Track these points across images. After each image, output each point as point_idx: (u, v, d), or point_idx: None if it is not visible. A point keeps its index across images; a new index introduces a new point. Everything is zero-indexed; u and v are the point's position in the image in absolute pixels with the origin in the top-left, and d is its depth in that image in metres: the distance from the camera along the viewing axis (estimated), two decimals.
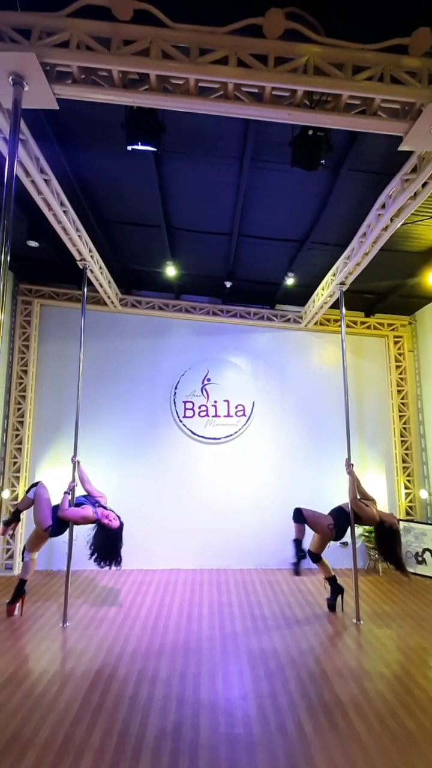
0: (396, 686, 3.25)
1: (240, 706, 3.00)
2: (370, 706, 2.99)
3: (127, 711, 2.91)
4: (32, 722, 2.77)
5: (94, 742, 2.59)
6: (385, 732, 2.71)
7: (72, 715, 2.85)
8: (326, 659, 3.67)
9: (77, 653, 3.73)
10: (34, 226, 4.92)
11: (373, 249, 4.48)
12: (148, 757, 2.47)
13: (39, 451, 6.59)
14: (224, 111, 2.90)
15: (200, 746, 2.58)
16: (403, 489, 6.83)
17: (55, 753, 2.49)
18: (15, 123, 2.77)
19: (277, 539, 6.58)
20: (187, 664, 3.56)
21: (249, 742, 2.61)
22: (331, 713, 2.91)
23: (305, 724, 2.78)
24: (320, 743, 2.60)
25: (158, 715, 2.87)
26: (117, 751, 2.52)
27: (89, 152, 3.97)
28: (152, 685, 3.23)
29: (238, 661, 3.63)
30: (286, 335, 7.22)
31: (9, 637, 4.02)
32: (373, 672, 3.47)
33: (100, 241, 5.35)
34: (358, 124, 2.91)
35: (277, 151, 3.68)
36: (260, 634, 4.17)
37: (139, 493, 6.56)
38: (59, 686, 3.20)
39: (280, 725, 2.78)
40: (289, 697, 3.10)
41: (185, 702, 3.02)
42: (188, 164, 4.02)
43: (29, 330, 6.65)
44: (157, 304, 6.97)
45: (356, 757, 2.49)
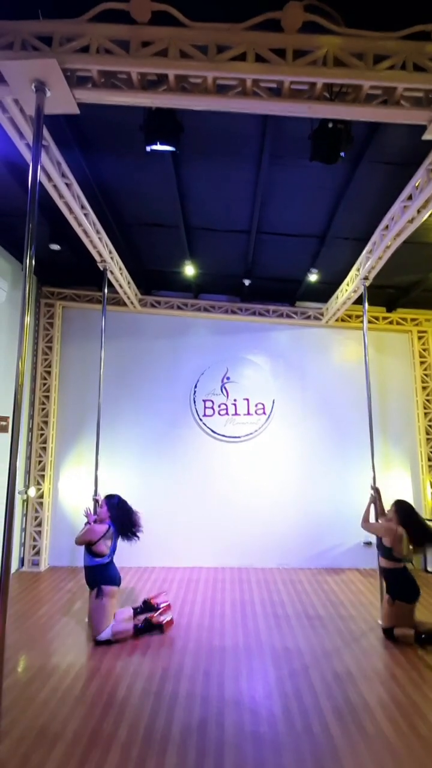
0: (425, 689, 3.18)
1: (265, 704, 2.99)
2: (399, 710, 2.93)
3: (152, 707, 2.94)
4: (60, 716, 2.83)
5: (121, 737, 2.63)
6: (415, 736, 2.66)
7: (99, 709, 2.91)
8: (351, 660, 3.62)
9: (102, 649, 3.79)
10: (56, 229, 5.02)
11: (395, 242, 4.37)
12: (174, 753, 2.50)
13: (63, 450, 6.73)
14: (243, 108, 2.89)
15: (226, 743, 2.58)
16: (429, 488, 6.66)
17: (83, 746, 2.54)
18: (38, 129, 2.82)
19: (299, 538, 6.53)
20: (210, 661, 3.57)
21: (275, 742, 2.60)
22: (358, 715, 2.86)
23: (332, 726, 2.75)
24: (348, 746, 2.57)
25: (183, 711, 2.89)
26: (143, 746, 2.55)
27: (109, 156, 4.02)
28: (177, 682, 3.26)
29: (262, 659, 3.62)
30: (306, 332, 7.14)
31: (37, 632, 4.13)
32: (401, 674, 3.40)
33: (120, 243, 5.41)
34: (379, 114, 2.84)
35: (296, 147, 3.63)
36: (283, 633, 4.14)
37: (160, 491, 6.62)
38: (86, 681, 3.26)
39: (306, 726, 2.75)
40: (315, 697, 3.07)
41: (210, 699, 3.04)
42: (206, 164, 4.02)
43: (52, 332, 6.79)
44: (176, 304, 7.00)
45: (385, 759, 2.45)
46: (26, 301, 2.68)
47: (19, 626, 4.23)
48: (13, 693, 3.08)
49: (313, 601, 5.05)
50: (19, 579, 5.78)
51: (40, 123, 2.83)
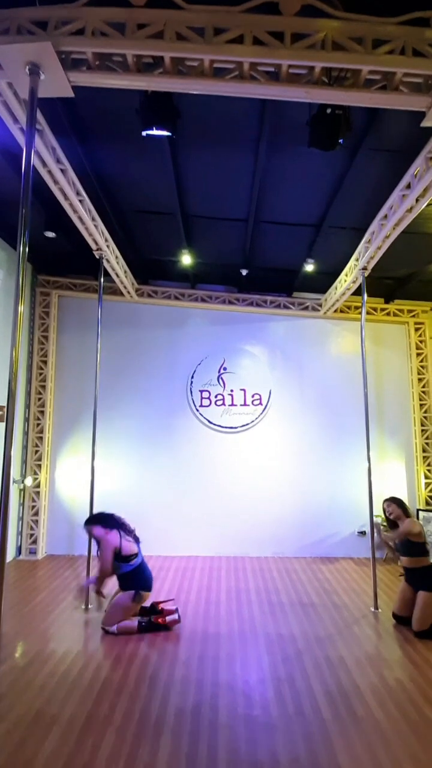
0: (415, 675, 3.24)
1: (258, 689, 3.04)
2: (389, 694, 2.99)
3: (147, 691, 2.99)
4: (57, 699, 2.87)
5: (116, 720, 2.68)
6: (405, 720, 2.71)
7: (95, 693, 2.95)
8: (344, 646, 3.68)
9: (98, 635, 3.83)
10: (51, 216, 4.96)
11: (394, 232, 4.34)
12: (169, 736, 2.54)
13: (60, 439, 6.73)
14: (240, 92, 2.84)
15: (219, 726, 2.63)
16: (423, 479, 6.72)
17: (79, 729, 2.58)
18: (32, 113, 2.78)
19: (294, 528, 6.59)
20: (205, 647, 3.63)
21: (267, 724, 2.65)
22: (349, 699, 2.92)
23: (323, 709, 2.81)
24: (339, 728, 2.62)
25: (178, 695, 2.94)
26: (138, 729, 2.59)
27: (105, 142, 3.96)
28: (172, 667, 3.30)
29: (256, 645, 3.68)
30: (304, 323, 7.13)
31: (34, 619, 4.17)
32: (392, 660, 3.46)
33: (116, 231, 5.35)
34: (378, 100, 2.80)
35: (295, 133, 3.59)
36: (277, 619, 4.20)
37: (157, 481, 6.65)
38: (82, 666, 3.31)
39: (298, 709, 2.81)
40: (307, 682, 3.13)
41: (204, 684, 3.09)
42: (203, 149, 3.96)
43: (48, 321, 6.75)
44: (173, 294, 6.96)
45: (375, 743, 2.50)
46: (20, 288, 2.65)
47: (16, 613, 4.27)
48: (10, 678, 3.12)
49: (307, 589, 5.12)
50: (16, 567, 5.83)
51: (33, 106, 2.78)
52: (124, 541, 3.97)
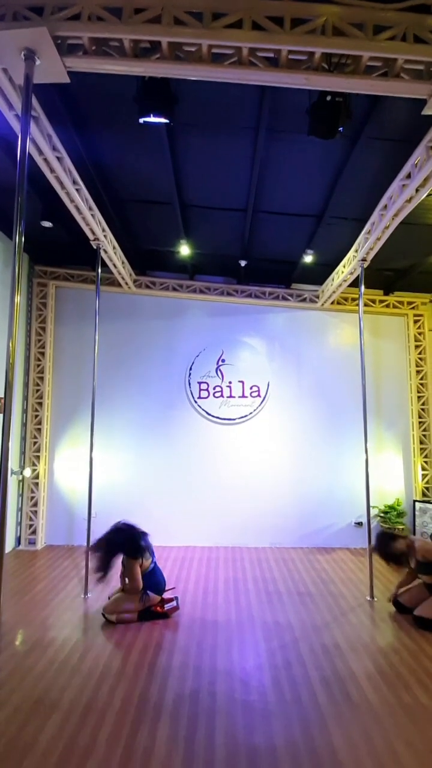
0: (410, 661, 3.30)
1: (255, 675, 3.09)
2: (384, 680, 3.04)
3: (146, 677, 3.04)
4: (57, 686, 2.92)
5: (115, 705, 2.72)
6: (399, 705, 2.77)
7: (94, 679, 2.99)
8: (340, 634, 3.73)
9: (98, 623, 3.88)
10: (48, 206, 4.91)
11: (393, 222, 4.31)
12: (167, 721, 2.59)
13: (58, 431, 6.74)
14: (238, 78, 2.79)
15: (217, 711, 2.68)
16: (420, 470, 6.76)
17: (79, 714, 2.63)
18: (27, 99, 2.73)
19: (292, 518, 6.65)
20: (203, 635, 3.68)
21: (264, 710, 2.70)
22: (345, 685, 2.97)
23: (319, 695, 2.86)
24: (334, 713, 2.68)
25: (176, 681, 2.99)
26: (137, 714, 2.64)
27: (102, 130, 3.90)
28: (170, 654, 3.35)
29: (253, 633, 3.73)
30: (302, 315, 7.11)
31: (34, 608, 4.21)
32: (387, 647, 3.52)
33: (113, 221, 5.30)
34: (379, 87, 2.76)
35: (294, 122, 3.54)
36: (275, 608, 4.26)
37: (155, 472, 6.68)
38: (82, 653, 3.35)
39: (295, 695, 2.86)
40: (303, 668, 3.18)
41: (202, 670, 3.13)
42: (201, 137, 3.91)
43: (45, 312, 6.71)
44: (172, 285, 6.93)
45: (371, 727, 2.55)
46: (16, 278, 2.63)
47: (17, 602, 4.31)
48: (11, 665, 3.16)
49: (304, 578, 5.18)
50: (15, 557, 5.87)
51: (29, 92, 2.74)
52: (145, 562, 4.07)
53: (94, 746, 2.37)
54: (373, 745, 2.39)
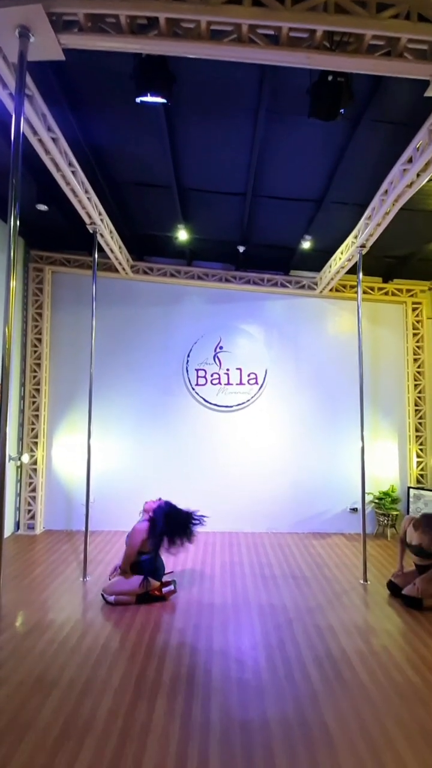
0: (401, 642, 3.39)
1: (250, 654, 3.17)
2: (375, 660, 3.13)
3: (144, 656, 3.11)
4: (56, 665, 2.99)
5: (114, 683, 2.79)
6: (389, 683, 2.85)
7: (93, 659, 3.07)
8: (333, 615, 3.82)
9: (97, 605, 3.95)
10: (43, 188, 4.82)
11: (394, 208, 4.26)
12: (164, 698, 2.66)
13: (56, 417, 6.75)
14: (238, 56, 2.72)
15: (213, 689, 2.76)
16: (415, 457, 6.83)
17: (78, 692, 2.70)
18: (21, 77, 2.66)
19: (288, 504, 6.73)
20: (200, 616, 3.76)
21: (258, 687, 2.78)
22: (337, 664, 3.06)
23: (312, 674, 2.94)
24: (326, 691, 2.76)
25: (173, 660, 3.07)
26: (135, 691, 2.71)
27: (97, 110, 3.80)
28: (167, 634, 3.43)
29: (249, 615, 3.81)
30: (301, 302, 7.07)
31: (34, 590, 4.28)
32: (379, 628, 3.61)
33: (110, 205, 5.22)
34: (381, 67, 2.70)
35: (295, 103, 3.46)
36: (270, 591, 4.34)
37: (153, 459, 6.72)
38: (81, 634, 3.42)
39: (288, 673, 2.94)
40: (297, 648, 3.26)
41: (198, 650, 3.21)
42: (200, 119, 3.82)
43: (42, 298, 6.65)
44: (169, 271, 6.86)
45: (361, 705, 2.64)
46: (12, 263, 2.60)
47: (16, 585, 4.38)
48: (11, 645, 3.23)
49: (300, 562, 5.27)
50: (15, 541, 5.94)
51: (23, 70, 2.67)
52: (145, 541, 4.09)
53: (94, 722, 2.44)
54: (363, 722, 2.47)
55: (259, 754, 2.22)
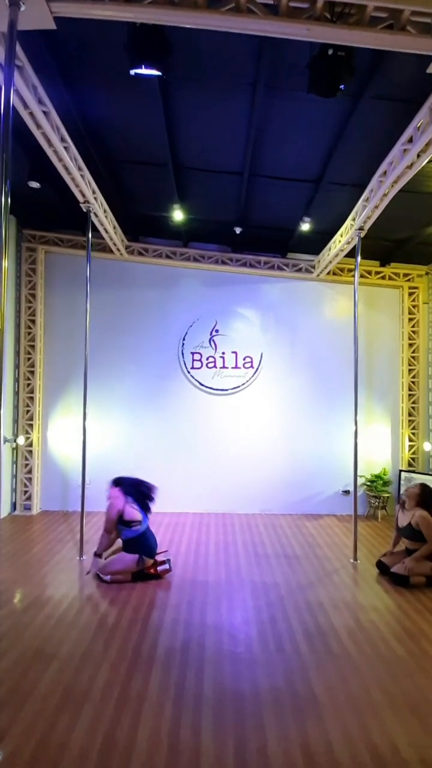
0: (388, 617, 3.51)
1: (242, 629, 3.27)
2: (363, 634, 3.24)
3: (139, 631, 3.20)
4: (54, 639, 3.07)
5: (111, 656, 2.88)
6: (376, 655, 2.96)
7: (90, 633, 3.15)
8: (323, 592, 3.94)
9: (93, 583, 4.04)
10: (35, 165, 4.69)
11: (393, 189, 4.19)
12: (159, 670, 2.76)
13: (51, 399, 6.75)
14: (236, 27, 2.62)
15: (206, 661, 2.85)
16: (407, 441, 6.93)
17: (76, 665, 2.78)
18: (11, 47, 2.56)
19: (281, 486, 6.83)
20: (194, 593, 3.86)
21: (250, 660, 2.88)
22: (326, 638, 3.17)
23: (302, 646, 3.05)
24: (315, 663, 2.86)
25: (168, 635, 3.16)
26: (131, 664, 2.80)
27: (91, 83, 3.67)
28: (162, 611, 3.53)
29: (242, 591, 3.92)
30: (297, 286, 7.03)
31: (31, 568, 4.36)
32: (367, 604, 3.73)
33: (105, 183, 5.09)
34: (383, 41, 2.61)
35: (294, 78, 3.36)
36: (263, 569, 4.46)
37: (148, 441, 6.77)
38: (78, 609, 3.51)
39: (279, 646, 3.04)
40: (288, 623, 3.37)
41: (192, 625, 3.31)
42: (197, 93, 3.71)
43: (35, 278, 6.56)
44: (165, 252, 6.76)
45: (348, 675, 2.75)
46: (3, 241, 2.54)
47: (14, 564, 4.46)
48: (10, 621, 3.31)
49: (292, 542, 5.39)
50: (12, 521, 6.01)
51: (13, 40, 2.57)
52: (128, 507, 4.15)
53: (91, 692, 2.53)
54: (350, 691, 2.58)
55: (249, 722, 2.32)
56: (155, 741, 2.17)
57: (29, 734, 2.20)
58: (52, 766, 2.01)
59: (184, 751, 2.12)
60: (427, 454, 6.91)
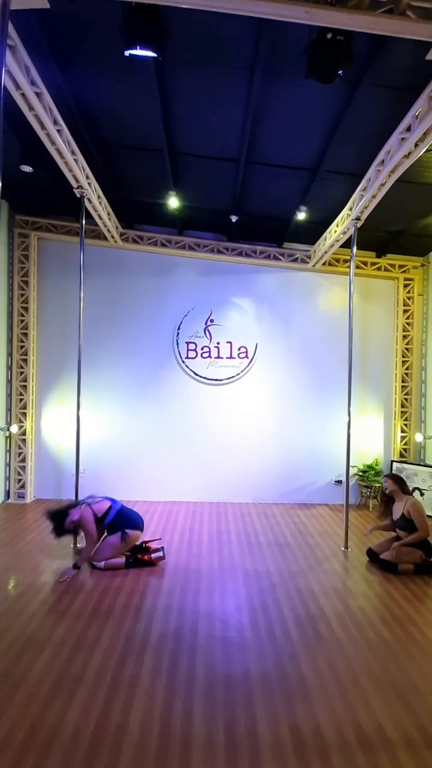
0: (376, 603, 3.58)
1: (234, 615, 3.33)
2: (351, 619, 3.31)
3: (132, 617, 3.25)
4: (48, 625, 3.10)
5: (104, 642, 2.92)
6: (363, 640, 3.03)
7: (84, 620, 3.19)
8: (314, 579, 4.01)
9: (87, 570, 4.07)
10: (28, 149, 4.59)
11: (390, 179, 4.17)
12: (152, 654, 2.80)
13: (44, 388, 6.71)
14: (234, 8, 2.56)
15: (198, 646, 2.90)
16: (400, 432, 7.00)
17: (69, 650, 2.82)
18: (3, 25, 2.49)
19: (274, 476, 6.90)
20: (187, 581, 3.90)
21: (241, 645, 2.94)
22: (316, 624, 3.23)
23: (292, 632, 3.11)
24: (305, 647, 2.93)
25: (161, 621, 3.21)
26: (124, 649, 2.84)
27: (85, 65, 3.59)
28: (155, 598, 3.57)
29: (234, 579, 3.98)
30: (293, 276, 7.00)
31: (25, 556, 4.38)
32: (357, 591, 3.80)
33: (99, 168, 5.01)
34: (383, 25, 2.57)
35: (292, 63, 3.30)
36: (255, 557, 4.52)
37: (143, 431, 6.78)
38: (72, 596, 3.54)
39: (270, 632, 3.10)
40: (279, 609, 3.43)
41: (185, 611, 3.36)
42: (193, 76, 3.63)
43: (28, 265, 6.47)
44: (160, 240, 6.69)
45: (336, 658, 2.81)
46: None
47: (7, 551, 4.47)
48: (4, 606, 3.33)
49: (284, 531, 5.46)
50: (5, 509, 6.02)
51: (5, 18, 2.51)
52: (94, 506, 4.13)
53: (84, 676, 2.56)
54: (338, 675, 2.65)
55: (240, 704, 2.38)
56: (147, 723, 2.22)
57: (23, 717, 2.23)
58: (45, 749, 2.05)
59: (175, 732, 2.17)
60: (419, 445, 6.99)
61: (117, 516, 4.17)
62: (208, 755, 2.04)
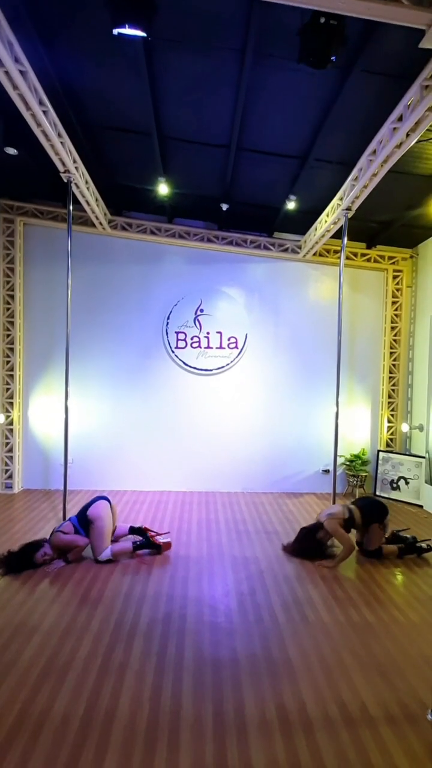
0: (360, 587, 3.67)
1: (222, 601, 3.38)
2: (337, 602, 3.39)
3: (122, 604, 3.27)
4: (36, 613, 3.11)
5: (93, 628, 2.94)
6: (348, 622, 3.11)
7: (73, 607, 3.20)
8: (301, 566, 4.08)
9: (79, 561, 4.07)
10: (12, 130, 4.46)
11: (382, 169, 4.16)
12: (141, 640, 2.83)
13: (31, 377, 6.63)
14: None
15: (187, 631, 2.94)
16: (386, 422, 7.11)
17: (58, 637, 2.83)
18: None
19: (263, 465, 6.96)
20: (176, 568, 3.94)
21: (229, 629, 2.99)
22: (302, 607, 3.30)
23: (279, 616, 3.17)
24: (291, 630, 2.99)
25: (150, 607, 3.24)
26: (114, 635, 2.87)
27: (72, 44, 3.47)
28: (144, 585, 3.60)
29: (222, 566, 4.03)
30: (283, 266, 6.98)
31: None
32: (342, 576, 3.89)
33: (86, 152, 4.89)
34: (375, 10, 2.54)
35: (284, 47, 3.25)
36: (243, 544, 4.57)
37: (132, 420, 6.75)
38: (60, 585, 3.55)
39: (257, 616, 3.16)
40: (266, 595, 3.49)
41: (174, 597, 3.40)
42: (182, 57, 3.55)
43: (13, 251, 6.32)
44: (149, 228, 6.60)
45: (322, 641, 2.88)
46: None
47: None
48: None
49: (272, 519, 5.53)
50: None
51: None
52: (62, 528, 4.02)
53: (74, 661, 2.58)
54: (322, 655, 2.72)
55: (228, 685, 2.43)
56: (137, 705, 2.25)
57: (12, 702, 2.24)
58: (35, 732, 2.07)
59: (164, 713, 2.21)
60: (405, 435, 7.11)
61: (79, 517, 4.09)
62: (196, 734, 2.08)
